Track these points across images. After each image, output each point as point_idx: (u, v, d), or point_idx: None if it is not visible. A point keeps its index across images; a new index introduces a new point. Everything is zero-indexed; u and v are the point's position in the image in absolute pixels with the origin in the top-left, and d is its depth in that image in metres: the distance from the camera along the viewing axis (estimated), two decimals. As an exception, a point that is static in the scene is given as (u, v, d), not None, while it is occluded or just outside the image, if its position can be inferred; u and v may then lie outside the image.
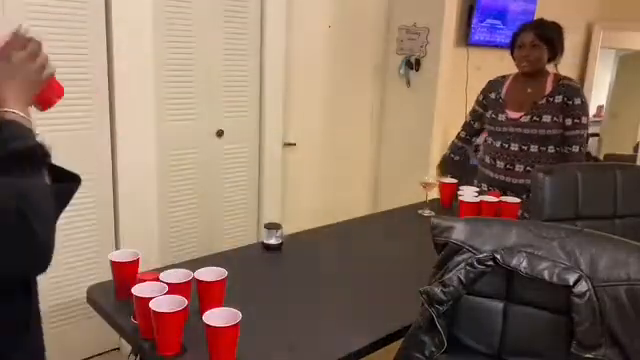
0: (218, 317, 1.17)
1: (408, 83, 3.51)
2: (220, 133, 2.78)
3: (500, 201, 2.20)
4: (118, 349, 2.53)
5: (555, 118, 2.36)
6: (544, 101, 2.38)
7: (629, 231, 1.91)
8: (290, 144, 3.13)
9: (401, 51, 3.51)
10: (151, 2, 2.37)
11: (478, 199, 2.20)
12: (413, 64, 3.46)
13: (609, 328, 1.08)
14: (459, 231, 1.24)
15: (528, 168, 2.38)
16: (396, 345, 1.35)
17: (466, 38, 3.71)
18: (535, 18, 4.05)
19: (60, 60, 2.18)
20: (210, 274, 1.38)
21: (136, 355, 1.34)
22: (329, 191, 3.44)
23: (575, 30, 4.45)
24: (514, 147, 2.41)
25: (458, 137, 2.80)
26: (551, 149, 2.39)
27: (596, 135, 4.61)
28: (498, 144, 2.47)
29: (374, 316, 1.47)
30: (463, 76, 3.70)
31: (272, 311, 1.47)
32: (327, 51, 3.25)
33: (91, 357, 2.49)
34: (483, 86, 2.67)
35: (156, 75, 2.45)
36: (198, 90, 2.65)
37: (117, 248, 2.40)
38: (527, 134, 2.39)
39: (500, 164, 2.46)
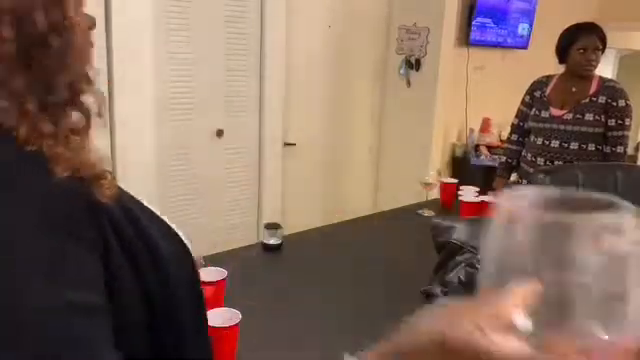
0: (218, 317, 1.17)
1: (408, 83, 3.51)
2: (220, 133, 2.77)
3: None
4: (118, 349, 2.53)
5: (597, 117, 2.42)
6: (587, 100, 2.44)
7: (629, 231, 1.91)
8: (290, 144, 3.13)
9: (401, 51, 3.51)
10: (151, 2, 2.37)
11: (478, 199, 2.20)
12: (413, 64, 3.46)
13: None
14: (459, 231, 1.24)
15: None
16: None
17: (466, 38, 3.71)
18: (535, 18, 4.05)
19: (60, 60, 2.18)
20: (210, 274, 1.38)
21: (136, 355, 1.34)
22: (329, 191, 3.44)
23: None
24: (554, 144, 2.48)
25: (510, 141, 2.79)
26: (591, 147, 2.45)
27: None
28: (539, 141, 2.53)
29: (374, 316, 1.46)
30: (463, 76, 3.70)
31: (272, 311, 1.47)
32: (327, 51, 3.25)
33: (91, 357, 2.48)
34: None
35: (156, 75, 2.45)
36: (198, 90, 2.65)
37: (117, 248, 2.39)
38: (569, 131, 2.45)
39: (540, 160, 2.53)
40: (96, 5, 2.24)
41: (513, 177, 2.81)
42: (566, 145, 2.47)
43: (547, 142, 2.51)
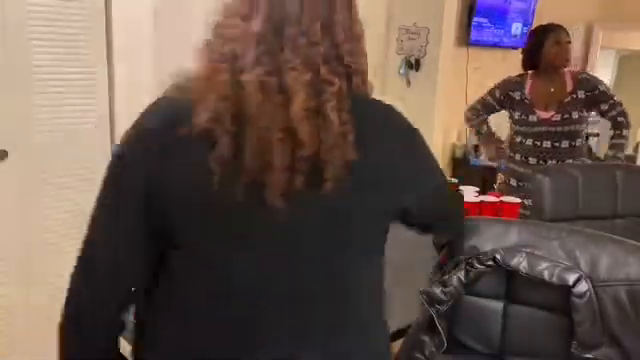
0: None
1: (408, 83, 3.51)
2: (220, 133, 2.77)
3: (500, 201, 2.19)
4: (118, 349, 2.53)
5: (581, 113, 2.48)
6: (569, 98, 2.48)
7: (629, 231, 1.91)
8: (290, 144, 3.13)
9: (401, 51, 3.51)
10: (151, 2, 2.37)
11: (478, 199, 2.20)
12: (413, 64, 3.46)
13: (609, 328, 1.08)
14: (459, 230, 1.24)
15: (560, 162, 2.51)
16: (396, 345, 1.35)
17: (466, 38, 3.71)
18: (534, 18, 4.06)
19: (60, 60, 2.18)
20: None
21: (136, 355, 1.33)
22: (329, 191, 3.43)
23: (575, 30, 4.45)
24: (546, 144, 2.51)
25: (472, 117, 2.81)
26: (578, 143, 2.52)
27: (596, 135, 4.62)
28: (530, 142, 2.56)
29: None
30: (463, 76, 3.71)
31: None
32: (327, 51, 3.25)
33: (91, 357, 2.48)
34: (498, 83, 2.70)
35: (156, 75, 2.45)
36: (198, 90, 2.64)
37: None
38: (559, 132, 2.49)
39: (533, 160, 2.55)
40: (96, 6, 2.24)
41: (500, 178, 2.81)
42: (557, 144, 2.51)
43: (538, 143, 2.53)
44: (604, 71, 5.75)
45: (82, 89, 2.26)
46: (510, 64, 3.97)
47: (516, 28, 4.03)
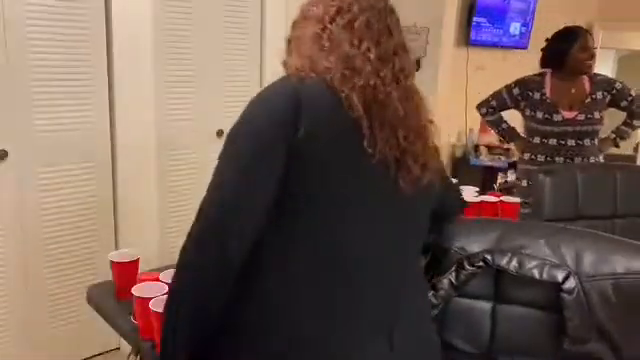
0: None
1: (408, 83, 3.51)
2: (220, 133, 2.77)
3: (500, 201, 2.19)
4: (118, 349, 2.53)
5: (600, 114, 2.54)
6: (590, 99, 2.53)
7: (629, 231, 1.91)
8: (290, 144, 3.12)
9: (401, 51, 3.51)
10: (151, 1, 2.37)
11: (478, 199, 2.20)
12: (413, 64, 3.46)
13: (597, 322, 1.09)
14: (446, 232, 1.24)
15: (585, 160, 2.55)
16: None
17: (466, 38, 3.72)
18: (534, 18, 4.06)
19: (60, 60, 2.18)
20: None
21: (136, 355, 1.34)
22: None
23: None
24: (571, 143, 2.54)
25: (488, 114, 2.80)
26: (595, 142, 2.57)
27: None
28: (554, 142, 2.56)
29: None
30: (463, 76, 3.71)
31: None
32: (327, 51, 3.25)
33: (91, 357, 2.49)
34: (513, 81, 2.68)
35: (156, 75, 2.45)
36: (198, 90, 2.65)
37: (117, 248, 2.39)
38: (583, 131, 2.53)
39: (559, 159, 2.56)
40: (96, 5, 2.24)
41: (511, 177, 2.81)
42: (581, 143, 2.53)
43: (563, 142, 2.54)
44: (604, 71, 5.73)
45: (82, 89, 2.26)
46: (510, 64, 3.98)
47: (515, 28, 4.03)
